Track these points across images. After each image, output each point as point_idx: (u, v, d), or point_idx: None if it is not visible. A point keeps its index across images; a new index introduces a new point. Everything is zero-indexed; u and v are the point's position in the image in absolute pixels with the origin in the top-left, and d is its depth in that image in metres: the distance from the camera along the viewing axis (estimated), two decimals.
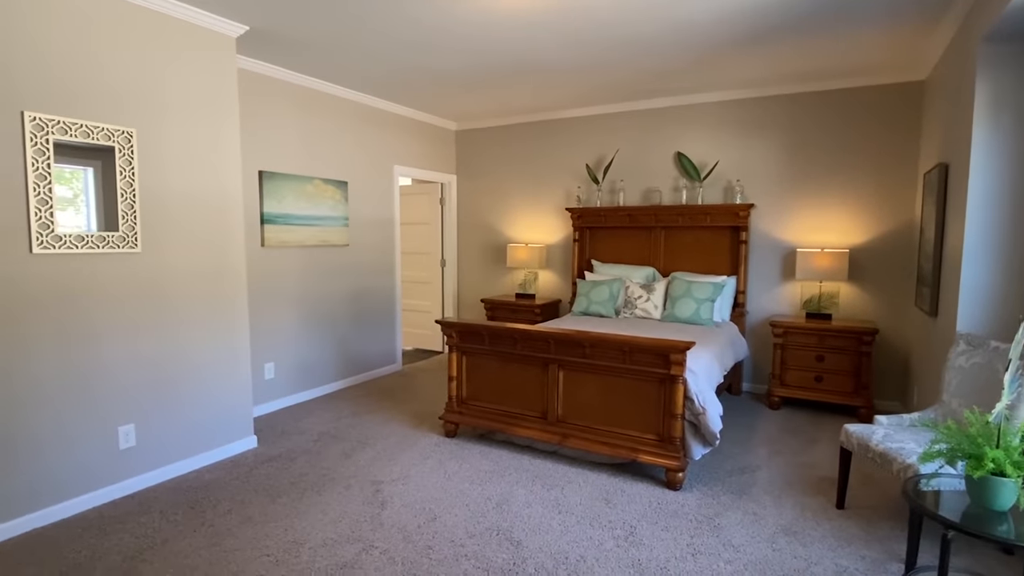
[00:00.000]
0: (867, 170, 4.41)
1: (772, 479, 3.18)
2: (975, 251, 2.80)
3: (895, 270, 4.37)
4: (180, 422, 3.21)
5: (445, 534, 2.57)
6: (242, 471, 3.24)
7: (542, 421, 3.44)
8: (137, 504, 2.85)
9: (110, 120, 2.82)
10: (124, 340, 2.93)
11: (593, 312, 4.78)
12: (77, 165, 2.74)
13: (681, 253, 5.04)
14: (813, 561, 2.38)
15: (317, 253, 4.66)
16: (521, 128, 5.90)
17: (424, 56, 3.91)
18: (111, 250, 2.84)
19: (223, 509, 2.80)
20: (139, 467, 3.02)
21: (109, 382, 2.88)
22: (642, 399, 3.12)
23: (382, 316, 5.44)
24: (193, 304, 3.25)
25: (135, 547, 2.47)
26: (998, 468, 1.64)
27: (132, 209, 2.91)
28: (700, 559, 2.39)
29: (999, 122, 2.71)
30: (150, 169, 3.00)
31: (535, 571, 2.30)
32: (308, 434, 3.83)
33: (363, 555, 2.40)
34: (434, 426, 3.98)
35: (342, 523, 2.66)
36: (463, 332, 3.68)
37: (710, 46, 3.67)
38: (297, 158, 4.47)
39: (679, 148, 5.08)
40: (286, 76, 4.30)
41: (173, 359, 3.16)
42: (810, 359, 4.32)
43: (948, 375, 2.73)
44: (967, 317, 2.85)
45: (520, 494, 2.96)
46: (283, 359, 4.43)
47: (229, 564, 2.34)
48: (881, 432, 2.65)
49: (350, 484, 3.07)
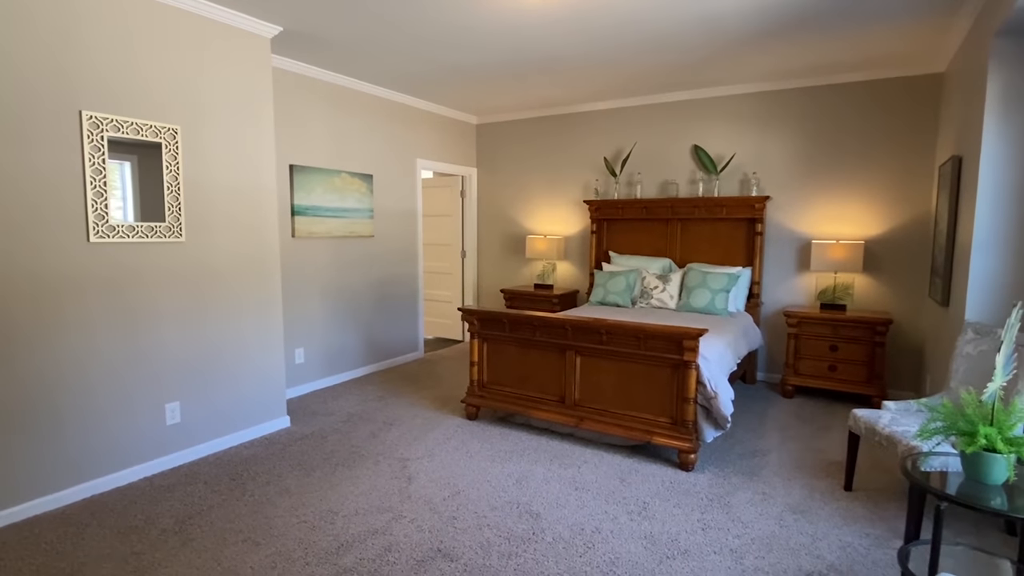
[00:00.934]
0: (883, 163, 4.46)
1: (782, 462, 3.29)
2: (984, 242, 2.88)
3: (910, 261, 4.42)
4: (220, 401, 3.43)
5: (469, 506, 2.74)
6: (277, 448, 3.45)
7: (559, 404, 3.59)
8: (183, 476, 3.08)
9: (157, 118, 3.02)
10: (169, 324, 3.15)
11: (610, 302, 4.91)
12: (114, 160, 2.89)
13: (697, 245, 5.13)
14: (818, 537, 2.50)
15: (344, 244, 4.86)
16: (540, 122, 6.02)
17: (448, 53, 4.06)
18: (159, 239, 3.05)
19: (262, 481, 3.01)
20: (184, 442, 3.25)
21: (156, 362, 3.10)
22: (656, 384, 3.25)
23: (405, 305, 5.63)
24: (232, 291, 3.45)
25: (184, 513, 2.68)
26: (990, 444, 1.74)
27: (177, 201, 3.12)
28: (709, 533, 2.53)
29: (1010, 116, 2.77)
30: (192, 164, 3.20)
31: (553, 540, 2.45)
32: (337, 415, 4.04)
33: (393, 523, 2.58)
34: (456, 409, 4.16)
35: (372, 495, 2.85)
36: (484, 319, 3.83)
37: (730, 40, 3.75)
38: (325, 152, 4.65)
39: (696, 141, 5.16)
40: (316, 74, 4.49)
41: (214, 342, 3.37)
42: (824, 349, 4.40)
43: (956, 363, 2.82)
44: (976, 306, 2.92)
45: (539, 472, 3.12)
46: (312, 345, 4.64)
47: (271, 529, 2.53)
48: (888, 416, 2.75)
49: (378, 460, 3.26)
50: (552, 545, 2.42)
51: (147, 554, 2.34)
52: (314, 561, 2.29)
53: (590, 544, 2.43)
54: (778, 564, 2.30)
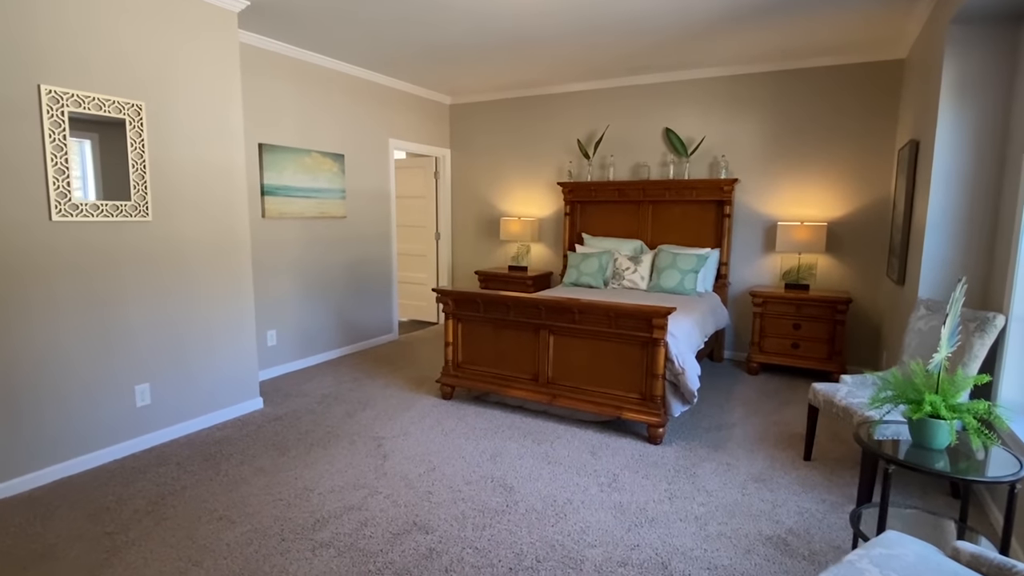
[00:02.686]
0: (847, 147, 4.60)
1: (746, 435, 3.42)
2: (937, 223, 3.01)
3: (870, 242, 4.59)
4: (191, 382, 3.40)
5: (444, 482, 2.79)
6: (251, 428, 3.45)
7: (533, 383, 3.65)
8: (155, 457, 3.06)
9: (120, 93, 2.94)
10: (138, 304, 3.10)
11: (583, 283, 4.98)
12: (75, 138, 2.80)
13: (668, 226, 5.23)
14: (778, 504, 2.63)
15: (316, 225, 4.81)
16: (514, 103, 6.01)
17: (421, 30, 4.02)
18: (125, 219, 2.99)
19: (236, 461, 3.01)
20: (155, 424, 3.22)
21: (125, 343, 3.05)
22: (626, 361, 3.34)
23: (379, 287, 5.61)
24: (201, 271, 3.41)
25: (157, 493, 2.67)
26: (935, 410, 1.86)
27: (143, 180, 3.05)
28: (676, 502, 2.63)
29: (964, 102, 2.89)
30: (158, 141, 3.13)
31: (526, 512, 2.53)
32: (311, 396, 4.04)
33: (369, 499, 2.62)
34: (431, 389, 4.20)
35: (348, 472, 2.88)
36: (459, 300, 3.86)
37: (701, 21, 3.80)
38: (296, 131, 4.58)
39: (667, 124, 5.23)
40: (285, 50, 4.39)
41: (184, 323, 3.33)
42: (787, 327, 4.56)
43: (908, 337, 2.96)
44: (928, 284, 3.07)
45: (512, 448, 3.19)
46: (285, 326, 4.61)
47: (246, 507, 2.55)
48: (844, 389, 2.89)
49: (354, 440, 3.28)
50: (525, 516, 2.49)
51: (120, 534, 2.34)
52: (290, 537, 2.32)
53: (562, 514, 2.51)
54: (740, 530, 2.41)
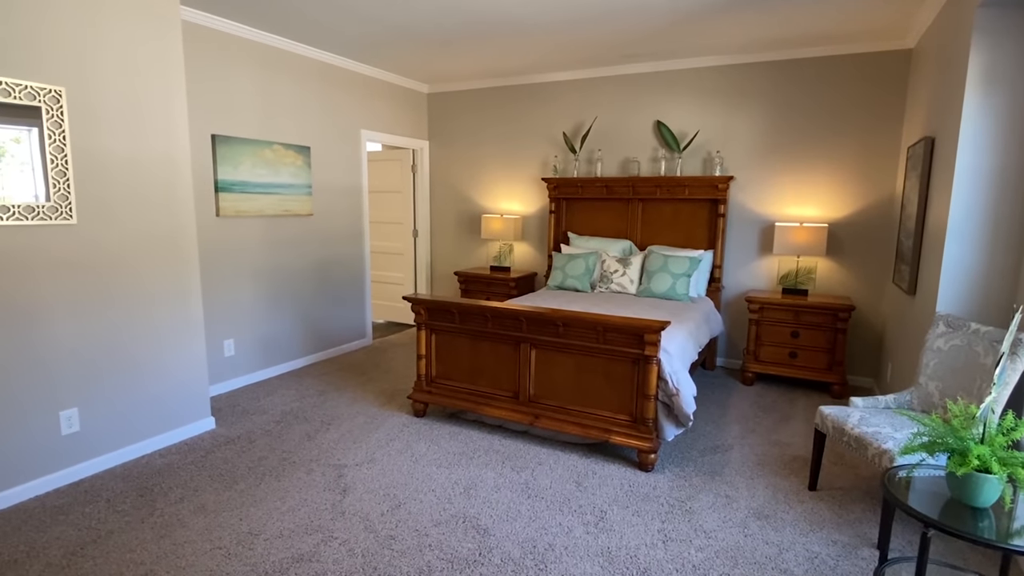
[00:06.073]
0: (848, 144, 4.30)
1: (745, 459, 3.13)
2: (960, 229, 2.72)
3: (874, 246, 4.31)
4: (128, 404, 3.02)
5: (409, 523, 2.46)
6: (197, 455, 3.08)
7: (513, 401, 3.33)
8: (82, 492, 2.69)
9: (34, 77, 2.54)
10: (62, 319, 2.71)
11: (568, 286, 4.66)
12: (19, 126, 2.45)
13: (658, 226, 4.92)
14: (785, 547, 2.34)
15: (278, 223, 4.42)
16: (496, 92, 5.63)
17: (395, 11, 3.63)
18: (42, 222, 2.59)
19: (175, 497, 2.65)
20: (84, 453, 2.84)
21: (48, 364, 2.67)
22: (615, 379, 3.03)
23: (350, 289, 5.24)
24: (139, 278, 3.02)
25: (77, 540, 2.31)
26: (983, 465, 1.56)
27: (65, 177, 2.65)
28: (671, 546, 2.33)
29: (992, 95, 2.59)
30: (84, 132, 2.73)
31: (501, 562, 2.21)
32: (270, 414, 3.68)
33: (321, 547, 2.28)
34: (403, 405, 3.86)
35: (300, 511, 2.54)
36: (432, 309, 3.52)
37: (696, 4, 3.47)
38: (255, 122, 4.18)
39: (659, 117, 4.90)
40: (242, 32, 3.98)
41: (118, 337, 2.95)
42: (785, 335, 4.28)
43: (926, 357, 2.68)
44: (948, 297, 2.78)
45: (489, 477, 2.87)
46: (244, 335, 4.23)
47: (178, 559, 2.20)
48: (857, 415, 2.60)
49: (312, 468, 2.94)
50: (500, 567, 2.17)
51: None
52: None
53: (542, 564, 2.20)
54: None
